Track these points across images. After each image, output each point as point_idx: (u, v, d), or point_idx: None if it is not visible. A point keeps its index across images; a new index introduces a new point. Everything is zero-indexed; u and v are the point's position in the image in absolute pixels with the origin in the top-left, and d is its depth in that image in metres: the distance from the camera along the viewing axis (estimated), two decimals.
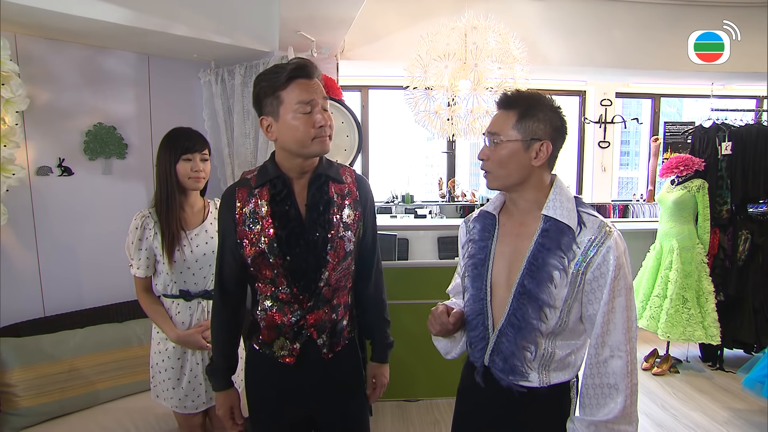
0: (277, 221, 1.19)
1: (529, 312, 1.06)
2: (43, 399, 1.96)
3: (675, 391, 3.04)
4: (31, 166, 2.21)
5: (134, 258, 1.63)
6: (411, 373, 2.88)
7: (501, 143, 1.08)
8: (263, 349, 1.27)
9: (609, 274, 1.01)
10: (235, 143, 2.67)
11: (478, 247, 1.17)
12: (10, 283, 2.16)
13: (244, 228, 1.20)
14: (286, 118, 1.15)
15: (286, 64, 1.17)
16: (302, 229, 1.20)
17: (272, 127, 1.18)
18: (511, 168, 1.08)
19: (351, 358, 1.34)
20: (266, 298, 1.24)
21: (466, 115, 2.86)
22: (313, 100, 1.16)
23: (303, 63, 1.17)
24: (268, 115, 1.17)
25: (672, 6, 3.69)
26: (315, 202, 1.22)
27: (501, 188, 1.14)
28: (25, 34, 2.14)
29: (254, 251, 1.19)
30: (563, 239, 1.05)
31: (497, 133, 1.09)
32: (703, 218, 3.21)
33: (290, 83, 1.14)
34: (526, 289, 1.07)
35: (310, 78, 1.17)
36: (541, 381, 1.10)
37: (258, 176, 1.23)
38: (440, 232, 3.52)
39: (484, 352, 1.15)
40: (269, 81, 1.15)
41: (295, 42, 2.47)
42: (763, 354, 2.57)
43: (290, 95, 1.14)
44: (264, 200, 1.20)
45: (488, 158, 1.10)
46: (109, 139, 2.42)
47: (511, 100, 1.10)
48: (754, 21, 3.63)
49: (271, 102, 1.16)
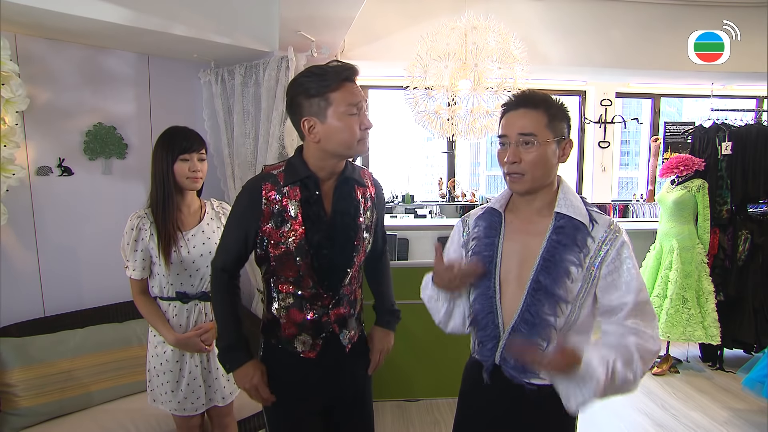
0: (309, 223, 1.19)
1: (545, 308, 1.07)
2: (43, 399, 1.96)
3: (675, 391, 3.04)
4: (31, 166, 2.21)
5: (130, 259, 1.60)
6: (411, 373, 2.87)
7: (536, 144, 1.07)
8: (284, 345, 1.27)
9: (623, 267, 1.05)
10: (235, 143, 2.67)
11: (484, 244, 1.17)
12: (10, 283, 2.16)
13: (270, 225, 1.19)
14: (333, 119, 1.15)
15: (328, 66, 1.17)
16: (332, 233, 1.22)
17: (316, 128, 1.17)
18: (545, 169, 1.09)
19: (363, 348, 1.41)
20: (287, 296, 1.24)
21: (466, 115, 2.87)
22: (360, 103, 1.18)
23: (351, 66, 1.18)
24: (313, 116, 1.16)
25: (672, 6, 3.69)
26: (345, 206, 1.25)
27: (533, 190, 1.12)
28: (25, 34, 2.14)
29: (281, 251, 1.19)
30: (578, 235, 1.07)
31: (534, 134, 1.07)
32: (703, 218, 3.21)
33: (342, 85, 1.15)
34: (541, 285, 1.07)
35: (355, 81, 1.20)
36: (552, 378, 1.10)
37: (287, 174, 1.22)
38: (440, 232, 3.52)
39: (494, 351, 1.14)
40: (318, 82, 1.14)
41: (295, 42, 2.47)
42: (763, 354, 2.57)
43: (341, 97, 1.15)
44: (295, 200, 1.20)
45: (521, 160, 1.08)
46: (109, 139, 2.42)
47: (535, 100, 1.10)
48: (754, 21, 3.63)
49: (318, 103, 1.15)
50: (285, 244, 1.19)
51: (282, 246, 1.19)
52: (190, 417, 1.69)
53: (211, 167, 2.77)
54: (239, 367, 1.25)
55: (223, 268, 1.27)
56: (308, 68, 1.19)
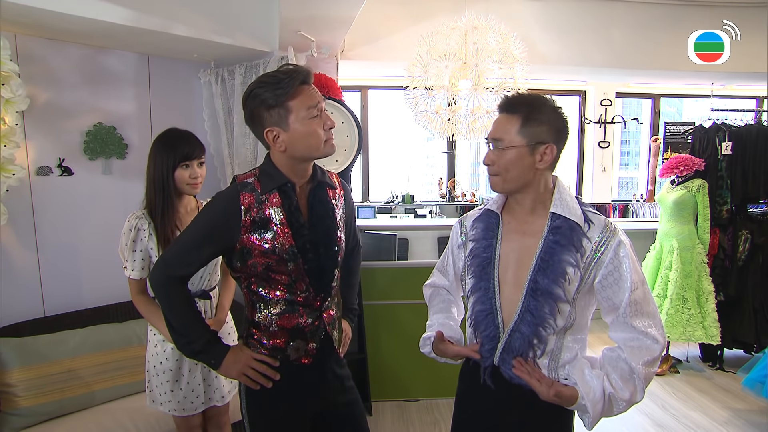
0: (293, 229, 1.18)
1: (544, 308, 1.07)
2: (43, 399, 1.96)
3: (675, 391, 3.04)
4: (31, 166, 2.21)
5: (128, 260, 1.60)
6: (411, 373, 2.88)
7: (506, 149, 1.09)
8: (272, 353, 1.23)
9: (623, 266, 1.06)
10: (235, 143, 2.67)
11: (482, 246, 1.17)
12: (10, 283, 2.16)
13: (253, 235, 1.16)
14: (296, 125, 1.14)
15: (281, 72, 1.15)
16: (315, 236, 1.22)
17: (280, 137, 1.15)
18: (517, 172, 1.09)
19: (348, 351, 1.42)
20: (278, 303, 1.21)
21: (466, 115, 2.87)
22: (319, 104, 1.17)
23: (306, 70, 1.16)
24: (275, 125, 1.15)
25: (672, 6, 3.69)
26: (323, 210, 1.25)
27: (507, 192, 1.15)
28: (25, 34, 2.14)
29: (271, 258, 1.17)
30: (574, 236, 1.07)
31: (501, 138, 1.09)
32: (703, 218, 3.21)
33: (299, 90, 1.14)
34: (539, 286, 1.08)
35: (311, 83, 1.18)
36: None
37: (263, 182, 1.19)
38: (440, 232, 3.52)
39: (493, 352, 1.15)
40: (274, 92, 1.12)
41: (295, 42, 2.47)
42: (763, 354, 2.57)
43: (300, 103, 1.14)
44: (277, 207, 1.18)
45: (494, 163, 1.11)
46: (109, 139, 2.42)
47: (514, 104, 1.10)
48: (754, 21, 3.63)
49: (278, 113, 1.14)
50: (274, 251, 1.16)
51: (271, 254, 1.17)
52: (189, 417, 1.68)
53: (211, 167, 2.78)
54: (225, 356, 1.21)
55: (182, 281, 1.22)
56: (261, 78, 1.16)
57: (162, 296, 1.22)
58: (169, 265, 1.20)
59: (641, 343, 1.05)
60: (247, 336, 1.27)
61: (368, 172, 4.70)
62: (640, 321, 1.06)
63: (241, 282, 1.25)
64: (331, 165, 2.47)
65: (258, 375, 1.22)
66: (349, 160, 2.63)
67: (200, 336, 1.21)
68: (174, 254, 1.22)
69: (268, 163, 1.21)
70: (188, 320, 1.22)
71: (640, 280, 1.07)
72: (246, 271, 1.20)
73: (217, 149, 2.77)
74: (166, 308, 1.22)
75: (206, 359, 1.23)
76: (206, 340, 1.21)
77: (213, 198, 1.28)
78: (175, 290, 1.22)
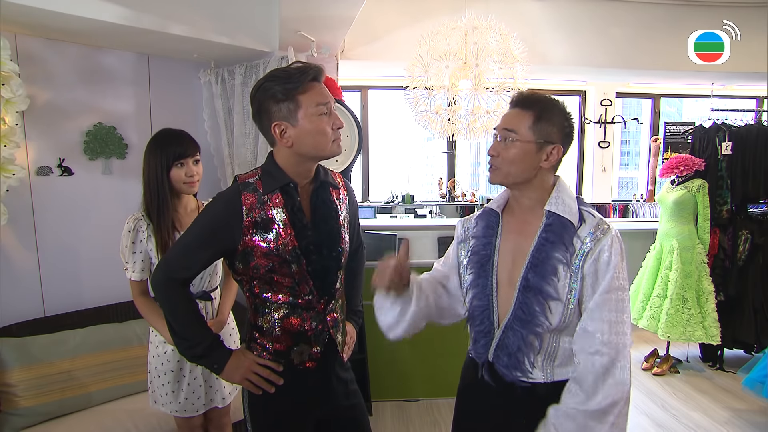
0: (296, 229, 1.17)
1: (535, 306, 1.07)
2: (43, 399, 1.96)
3: (675, 391, 3.04)
4: (31, 166, 2.21)
5: (129, 261, 1.59)
6: (411, 373, 2.88)
7: (515, 142, 1.09)
8: (276, 358, 1.22)
9: (604, 268, 1.05)
10: (235, 143, 2.67)
11: (482, 243, 1.19)
12: (10, 283, 2.16)
13: (255, 237, 1.15)
14: (304, 122, 1.13)
15: (292, 68, 1.14)
16: (318, 237, 1.20)
17: (287, 132, 1.13)
18: (520, 167, 1.10)
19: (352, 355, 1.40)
20: (281, 306, 1.20)
21: (466, 115, 2.86)
22: (329, 103, 1.16)
23: (318, 67, 1.16)
24: (283, 120, 1.13)
25: (672, 6, 3.69)
26: (327, 210, 1.24)
27: (503, 184, 1.15)
28: (25, 34, 2.14)
29: (273, 260, 1.15)
30: (566, 234, 1.08)
31: (513, 130, 1.10)
32: (703, 218, 3.21)
33: (309, 86, 1.13)
34: (530, 283, 1.08)
35: (321, 82, 1.18)
36: (545, 377, 1.11)
37: (265, 182, 1.17)
38: (440, 232, 3.52)
39: (487, 348, 1.16)
40: (284, 85, 1.11)
41: (295, 42, 2.47)
42: (763, 354, 2.57)
43: (310, 98, 1.13)
44: (280, 207, 1.16)
45: (499, 154, 1.12)
46: (109, 139, 2.42)
47: (529, 101, 1.11)
48: (754, 21, 3.63)
49: (287, 107, 1.12)
50: (277, 252, 1.15)
51: (274, 255, 1.15)
52: (190, 418, 1.68)
53: (212, 167, 2.78)
54: (228, 361, 1.20)
55: (184, 284, 1.21)
56: (272, 72, 1.15)
57: (163, 299, 1.21)
58: (171, 268, 1.19)
59: (592, 359, 1.03)
60: (250, 340, 1.25)
61: (368, 172, 4.69)
62: (600, 324, 1.04)
63: (244, 285, 1.23)
64: (331, 165, 2.46)
65: (261, 380, 1.21)
66: (350, 160, 2.63)
67: (202, 340, 1.20)
68: (175, 256, 1.21)
69: (271, 163, 1.20)
70: (190, 324, 1.21)
71: (618, 287, 1.05)
72: (248, 274, 1.19)
73: (217, 149, 2.77)
74: (167, 311, 1.21)
75: (208, 364, 1.22)
76: (208, 345, 1.20)
77: (214, 198, 1.27)
78: (177, 293, 1.21)
